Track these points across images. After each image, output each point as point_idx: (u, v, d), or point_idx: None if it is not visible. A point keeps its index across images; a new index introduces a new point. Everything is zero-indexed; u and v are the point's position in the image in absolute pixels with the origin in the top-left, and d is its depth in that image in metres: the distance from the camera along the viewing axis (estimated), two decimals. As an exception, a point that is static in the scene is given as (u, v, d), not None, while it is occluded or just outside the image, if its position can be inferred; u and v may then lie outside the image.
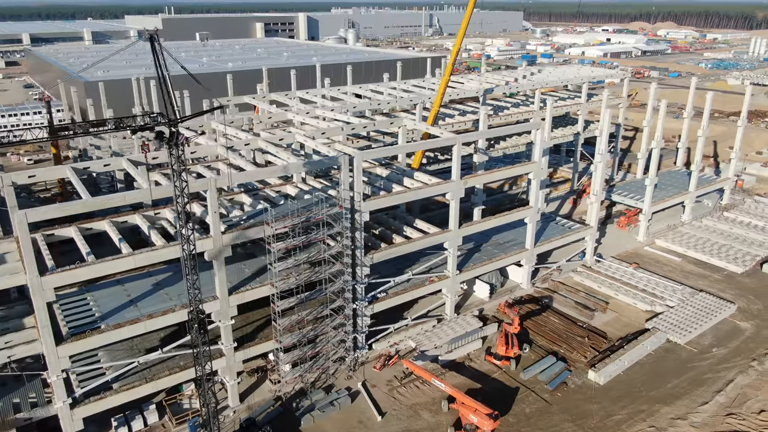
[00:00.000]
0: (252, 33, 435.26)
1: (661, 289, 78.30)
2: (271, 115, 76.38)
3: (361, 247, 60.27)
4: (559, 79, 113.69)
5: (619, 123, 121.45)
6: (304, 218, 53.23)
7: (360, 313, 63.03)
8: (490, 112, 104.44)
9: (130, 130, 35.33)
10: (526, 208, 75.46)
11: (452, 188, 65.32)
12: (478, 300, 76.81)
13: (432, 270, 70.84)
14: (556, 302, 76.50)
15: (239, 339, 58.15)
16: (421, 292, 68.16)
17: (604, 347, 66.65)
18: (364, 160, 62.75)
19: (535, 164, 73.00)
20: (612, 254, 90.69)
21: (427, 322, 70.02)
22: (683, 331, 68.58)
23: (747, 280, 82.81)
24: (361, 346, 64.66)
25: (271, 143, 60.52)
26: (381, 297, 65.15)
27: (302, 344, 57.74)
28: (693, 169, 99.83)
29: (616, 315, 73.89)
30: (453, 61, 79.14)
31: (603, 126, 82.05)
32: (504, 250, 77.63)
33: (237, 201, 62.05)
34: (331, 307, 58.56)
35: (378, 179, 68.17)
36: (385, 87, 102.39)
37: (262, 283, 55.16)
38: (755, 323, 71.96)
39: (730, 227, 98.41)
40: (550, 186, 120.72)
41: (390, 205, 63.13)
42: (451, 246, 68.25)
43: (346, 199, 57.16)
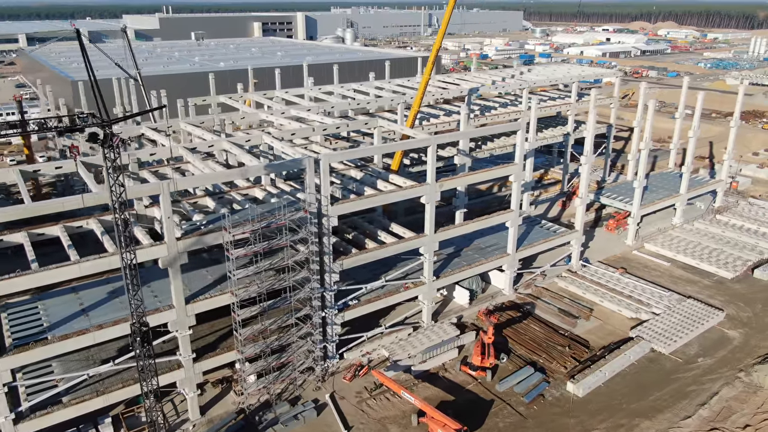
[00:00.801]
0: (250, 33, 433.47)
1: (647, 295, 75.68)
2: (244, 115, 73.90)
3: (329, 252, 57.80)
4: (548, 78, 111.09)
5: (611, 123, 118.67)
6: (265, 223, 50.76)
7: (330, 321, 60.56)
8: (477, 112, 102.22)
9: (55, 131, 32.81)
10: (507, 212, 72.89)
11: (427, 191, 62.79)
12: (457, 306, 74.27)
13: (408, 276, 68.34)
14: (538, 309, 73.93)
15: (203, 348, 55.85)
16: (395, 299, 65.66)
17: (585, 357, 64.09)
18: (334, 162, 60.28)
19: (516, 166, 70.45)
20: (599, 258, 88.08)
21: (403, 330, 67.49)
22: (668, 340, 65.96)
23: (737, 286, 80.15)
24: (331, 356, 62.20)
25: (235, 145, 58.04)
26: (353, 304, 62.66)
27: (266, 354, 55.28)
28: (684, 170, 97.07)
29: (600, 323, 71.30)
30: (432, 60, 76.51)
31: (589, 127, 79.49)
32: (485, 254, 75.08)
33: (201, 205, 59.63)
34: (297, 315, 56.06)
35: (351, 182, 65.67)
36: (369, 86, 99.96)
37: (222, 291, 52.70)
38: (744, 332, 69.31)
39: (722, 230, 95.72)
40: (540, 188, 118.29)
41: (360, 209, 60.64)
42: (427, 251, 65.72)
43: (312, 203, 54.70)
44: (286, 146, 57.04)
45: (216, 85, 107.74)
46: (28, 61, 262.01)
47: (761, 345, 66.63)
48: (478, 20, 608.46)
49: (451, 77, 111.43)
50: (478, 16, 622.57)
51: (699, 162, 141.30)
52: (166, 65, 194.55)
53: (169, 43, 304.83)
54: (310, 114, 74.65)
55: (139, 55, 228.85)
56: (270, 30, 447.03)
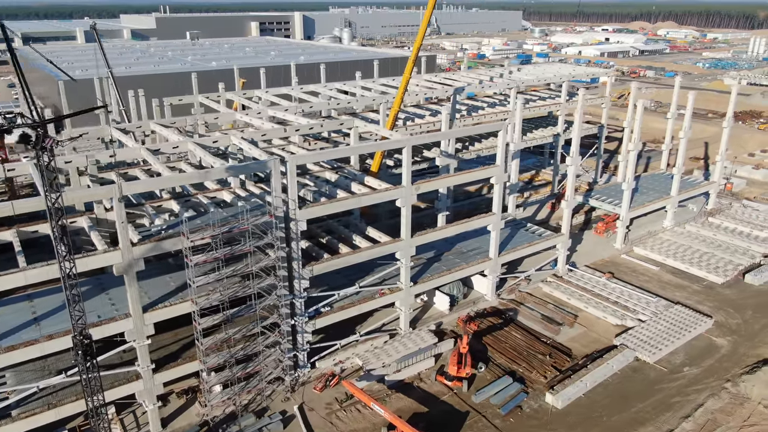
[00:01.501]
0: (247, 32, 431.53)
1: (634, 301, 73.37)
2: (217, 116, 71.71)
3: (298, 258, 55.55)
4: (537, 78, 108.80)
5: (602, 123, 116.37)
6: (226, 228, 48.54)
7: (300, 329, 58.32)
8: (464, 112, 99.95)
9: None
10: (488, 215, 70.59)
11: (402, 194, 60.50)
12: (437, 312, 71.99)
13: (385, 281, 66.12)
14: (521, 315, 71.64)
15: (166, 358, 53.67)
16: (370, 306, 63.38)
17: (566, 366, 61.77)
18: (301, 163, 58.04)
19: (497, 168, 68.17)
20: (587, 262, 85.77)
21: (379, 338, 65.21)
22: (653, 349, 63.64)
23: (728, 291, 77.81)
24: (302, 365, 59.95)
25: (199, 146, 55.81)
26: (325, 312, 60.42)
27: (231, 365, 53.04)
28: (675, 172, 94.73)
29: (584, 330, 69.00)
30: (413, 60, 74.24)
31: (575, 127, 77.21)
32: (466, 259, 72.79)
33: (166, 208, 57.41)
34: (264, 324, 53.80)
35: (324, 184, 63.44)
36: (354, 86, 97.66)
37: (183, 300, 50.46)
38: (732, 339, 66.96)
39: (713, 234, 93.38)
40: (531, 189, 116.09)
41: (330, 212, 58.35)
42: (404, 256, 63.45)
43: (278, 207, 52.47)
44: (253, 148, 54.83)
45: (204, 85, 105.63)
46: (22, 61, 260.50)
47: (750, 353, 64.30)
48: (477, 20, 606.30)
49: (439, 77, 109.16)
50: (477, 16, 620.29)
51: (693, 163, 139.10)
52: (156, 65, 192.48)
53: (164, 42, 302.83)
54: (286, 114, 72.41)
55: (132, 54, 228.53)
56: (267, 30, 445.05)
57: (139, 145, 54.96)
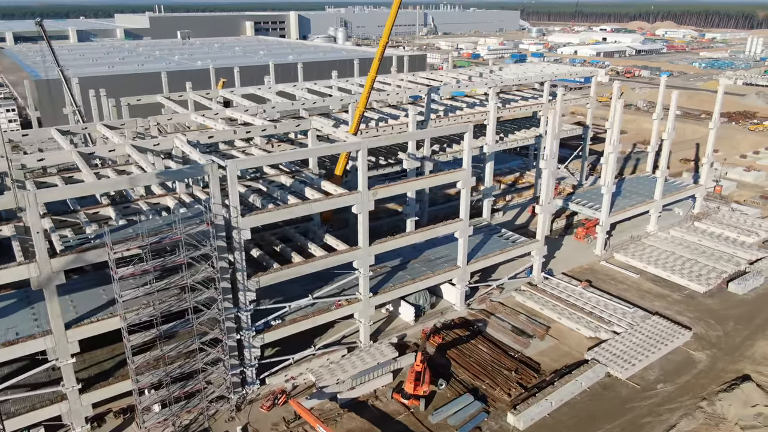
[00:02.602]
0: (242, 32, 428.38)
1: (609, 311, 69.72)
2: (171, 117, 68.16)
3: (242, 269, 51.99)
4: (518, 77, 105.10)
5: (587, 124, 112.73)
6: (156, 239, 44.96)
7: (247, 344, 54.75)
8: (440, 113, 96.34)
9: None
10: (455, 221, 66.98)
11: (358, 200, 56.89)
12: (402, 324, 68.43)
13: (344, 291, 62.55)
14: (490, 327, 67.99)
15: (98, 376, 50.17)
16: (325, 319, 59.74)
17: (533, 383, 58.13)
18: (243, 168, 54.46)
19: (464, 171, 64.54)
20: (565, 269, 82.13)
21: (336, 352, 61.65)
22: (626, 364, 59.98)
23: (709, 300, 74.13)
24: (250, 382, 56.37)
25: (136, 149, 52.24)
26: (275, 325, 56.85)
27: (167, 383, 49.47)
28: (658, 175, 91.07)
29: (556, 342, 65.36)
30: (379, 58, 70.70)
31: (550, 128, 73.55)
32: (433, 267, 69.23)
33: (102, 215, 53.83)
34: (203, 340, 50.24)
35: (277, 189, 59.86)
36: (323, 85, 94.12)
37: (111, 315, 46.92)
38: (711, 353, 63.29)
39: (699, 239, 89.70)
40: (513, 192, 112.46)
41: (277, 220, 54.75)
42: (362, 266, 59.84)
43: (218, 214, 48.92)
44: (193, 151, 51.32)
45: (180, 85, 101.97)
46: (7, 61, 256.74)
47: (728, 369, 60.64)
48: (475, 20, 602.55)
49: (417, 76, 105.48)
50: (474, 16, 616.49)
51: (684, 165, 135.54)
52: (141, 64, 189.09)
53: (154, 42, 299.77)
54: (244, 115, 68.83)
55: (119, 54, 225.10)
56: (263, 29, 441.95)
57: (71, 148, 51.49)
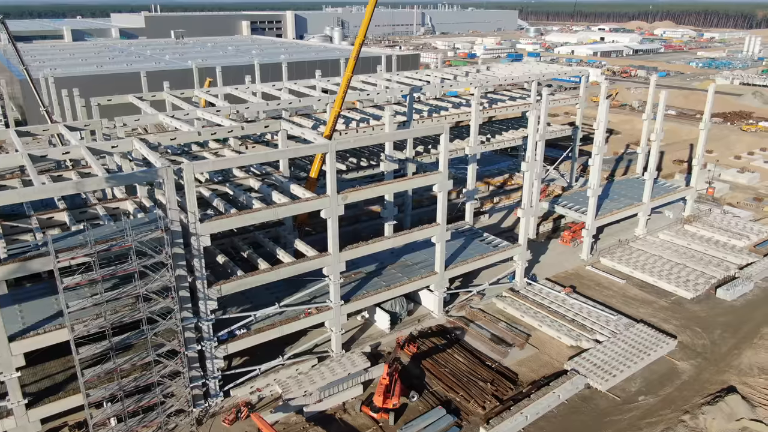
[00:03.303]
0: (238, 31, 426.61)
1: (592, 319, 67.37)
2: (138, 118, 65.87)
3: (202, 277, 49.70)
4: (505, 76, 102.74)
5: (576, 125, 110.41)
6: (104, 246, 42.66)
7: (209, 355, 52.46)
8: (425, 113, 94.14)
9: None
10: (432, 226, 64.67)
11: (326, 205, 54.57)
12: (377, 332, 66.10)
13: (316, 299, 60.29)
14: (468, 335, 65.64)
15: (49, 389, 47.86)
16: (293, 328, 57.35)
17: (509, 395, 55.80)
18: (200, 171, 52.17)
19: (440, 174, 62.22)
20: (550, 274, 79.81)
21: (306, 362, 59.30)
22: (607, 375, 57.64)
23: (697, 307, 71.79)
24: (214, 394, 54.07)
25: (91, 152, 49.90)
26: (240, 334, 54.56)
27: (122, 397, 47.18)
28: (647, 177, 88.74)
29: (536, 351, 63.01)
30: (354, 57, 68.42)
31: (531, 129, 71.25)
32: (409, 273, 66.96)
33: (58, 221, 51.54)
34: (160, 351, 47.93)
35: (242, 193, 57.56)
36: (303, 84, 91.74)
37: (59, 326, 44.61)
38: (696, 363, 60.94)
39: (688, 243, 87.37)
40: (502, 194, 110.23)
41: (239, 225, 52.48)
42: (332, 272, 57.52)
43: (174, 220, 46.64)
44: (150, 153, 49.00)
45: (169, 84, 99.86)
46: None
47: (713, 380, 58.30)
48: (473, 19, 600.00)
49: (400, 75, 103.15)
50: (472, 15, 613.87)
51: (677, 166, 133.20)
52: (129, 63, 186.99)
53: (146, 41, 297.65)
54: (213, 116, 66.55)
55: (109, 53, 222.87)
56: (259, 29, 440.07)
57: (22, 151, 49.18)
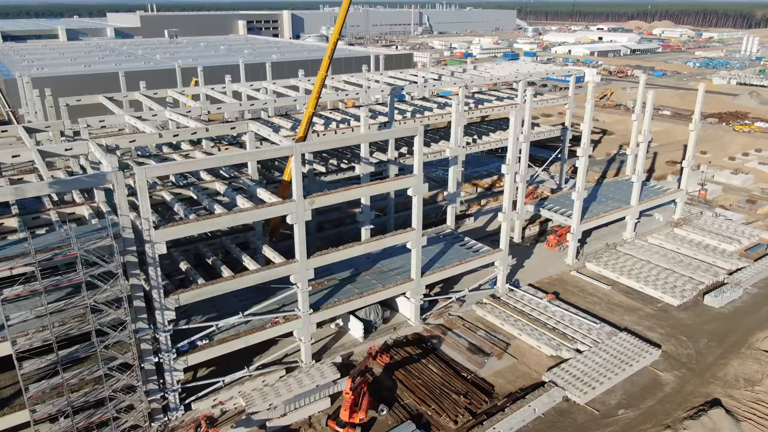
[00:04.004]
0: (235, 31, 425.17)
1: (574, 327, 65.05)
2: (103, 119, 63.55)
3: (158, 286, 47.40)
4: (491, 76, 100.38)
5: (566, 126, 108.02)
6: (48, 255, 40.35)
7: (168, 367, 50.15)
8: (408, 114, 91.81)
9: None
10: (407, 231, 62.33)
11: (292, 209, 52.24)
12: (351, 341, 63.79)
13: (285, 307, 58.00)
14: (445, 344, 63.30)
15: None
16: (260, 338, 54.99)
17: (483, 408, 53.46)
18: (153, 175, 49.86)
19: (415, 177, 59.89)
20: (533, 280, 77.48)
21: (273, 373, 56.99)
22: (586, 387, 55.28)
23: (683, 314, 69.45)
24: (174, 407, 51.76)
25: (41, 155, 47.65)
26: (202, 345, 52.26)
27: (71, 413, 44.87)
28: (634, 179, 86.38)
29: (514, 362, 60.65)
30: (329, 55, 66.06)
31: (512, 130, 68.89)
32: (384, 280, 64.65)
33: (7, 227, 49.24)
34: (110, 365, 45.61)
35: (205, 198, 55.25)
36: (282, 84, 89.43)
37: (3, 339, 42.28)
38: (680, 374, 58.58)
39: (677, 247, 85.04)
40: (489, 196, 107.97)
41: (198, 232, 50.12)
42: (299, 280, 55.21)
43: (126, 227, 44.34)
44: (104, 157, 46.73)
45: (148, 84, 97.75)
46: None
47: (697, 392, 55.93)
48: (471, 19, 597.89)
49: (384, 75, 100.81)
50: (470, 15, 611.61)
51: (670, 167, 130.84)
52: (118, 63, 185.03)
53: (139, 41, 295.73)
54: (180, 117, 64.24)
55: (100, 52, 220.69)
56: (255, 28, 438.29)
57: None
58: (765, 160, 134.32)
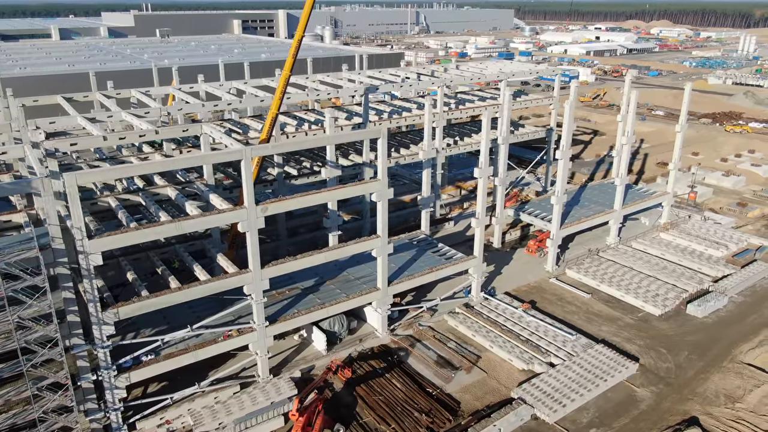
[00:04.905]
0: (230, 30, 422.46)
1: (549, 338, 61.98)
2: (54, 121, 60.57)
3: (94, 300, 44.40)
4: (472, 76, 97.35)
5: (551, 127, 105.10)
6: (-38, 268, 37.39)
7: (108, 385, 47.16)
8: (385, 115, 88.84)
9: None
10: (371, 238, 59.28)
11: (242, 217, 49.24)
12: (314, 353, 60.76)
13: (241, 318, 55.01)
14: (413, 357, 60.25)
15: None
16: (211, 352, 51.97)
17: (446, 428, 50.43)
18: (87, 181, 46.88)
19: (378, 182, 56.83)
20: (511, 287, 74.47)
21: (227, 388, 53.92)
22: (556, 404, 52.24)
23: (665, 325, 66.40)
24: (116, 427, 48.75)
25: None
26: (147, 360, 49.27)
27: (-2, 436, 42.00)
28: (618, 182, 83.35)
29: (484, 376, 57.61)
30: (293, 54, 63.13)
31: (483, 132, 65.82)
32: (350, 289, 61.65)
33: (-64, 236, 46.21)
34: (40, 385, 42.61)
35: (152, 204, 52.25)
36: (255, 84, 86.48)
37: None
38: (657, 390, 55.52)
39: (662, 252, 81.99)
40: (473, 199, 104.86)
41: (137, 242, 47.08)
42: (254, 291, 52.20)
43: (57, 237, 41.34)
44: (36, 161, 43.82)
45: (129, 84, 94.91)
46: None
47: (675, 410, 52.89)
48: (468, 18, 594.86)
49: (362, 75, 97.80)
50: (468, 14, 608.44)
51: (660, 169, 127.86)
52: (102, 63, 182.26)
53: (129, 40, 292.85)
54: (133, 119, 61.26)
55: (87, 52, 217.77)
56: (251, 28, 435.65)
57: None
58: (758, 161, 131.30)
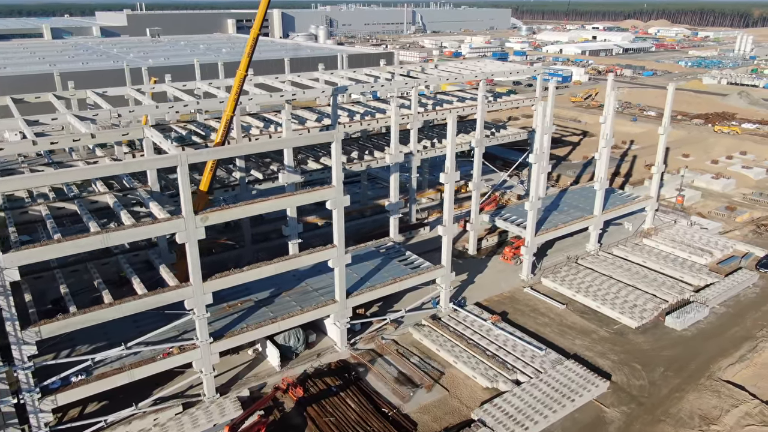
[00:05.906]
0: (224, 30, 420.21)
1: (517, 353, 58.62)
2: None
3: (12, 318, 41.06)
4: (450, 75, 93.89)
5: (533, 128, 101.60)
6: None
7: (32, 408, 43.83)
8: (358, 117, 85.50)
9: None
10: (327, 248, 55.92)
11: (180, 227, 45.88)
12: (267, 369, 57.43)
13: (187, 333, 51.70)
14: (372, 373, 56.89)
15: None
16: (149, 371, 48.66)
17: (399, 452, 47.16)
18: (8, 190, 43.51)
19: (333, 189, 53.48)
20: (483, 297, 71.13)
21: (169, 409, 50.62)
22: (518, 426, 48.85)
23: (641, 338, 63.02)
24: (42, 454, 45.48)
25: None
26: (77, 381, 45.94)
27: None
28: (597, 186, 79.99)
29: (445, 395, 54.24)
30: (249, 53, 59.76)
31: (449, 135, 62.45)
32: (307, 301, 58.30)
33: None
34: (-51, 410, 39.40)
35: (85, 212, 48.89)
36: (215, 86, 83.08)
37: None
38: (628, 410, 52.13)
39: (643, 260, 78.64)
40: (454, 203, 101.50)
41: (59, 255, 43.78)
42: (195, 305, 48.88)
43: (-35, 250, 38.10)
44: None
45: (101, 84, 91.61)
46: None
47: (645, 432, 49.61)
48: (465, 18, 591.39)
49: (335, 74, 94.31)
50: (464, 14, 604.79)
51: (648, 171, 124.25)
52: (85, 62, 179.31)
53: (118, 40, 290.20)
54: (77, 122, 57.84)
55: (73, 51, 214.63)
56: (245, 27, 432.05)
57: None
58: (749, 163, 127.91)
